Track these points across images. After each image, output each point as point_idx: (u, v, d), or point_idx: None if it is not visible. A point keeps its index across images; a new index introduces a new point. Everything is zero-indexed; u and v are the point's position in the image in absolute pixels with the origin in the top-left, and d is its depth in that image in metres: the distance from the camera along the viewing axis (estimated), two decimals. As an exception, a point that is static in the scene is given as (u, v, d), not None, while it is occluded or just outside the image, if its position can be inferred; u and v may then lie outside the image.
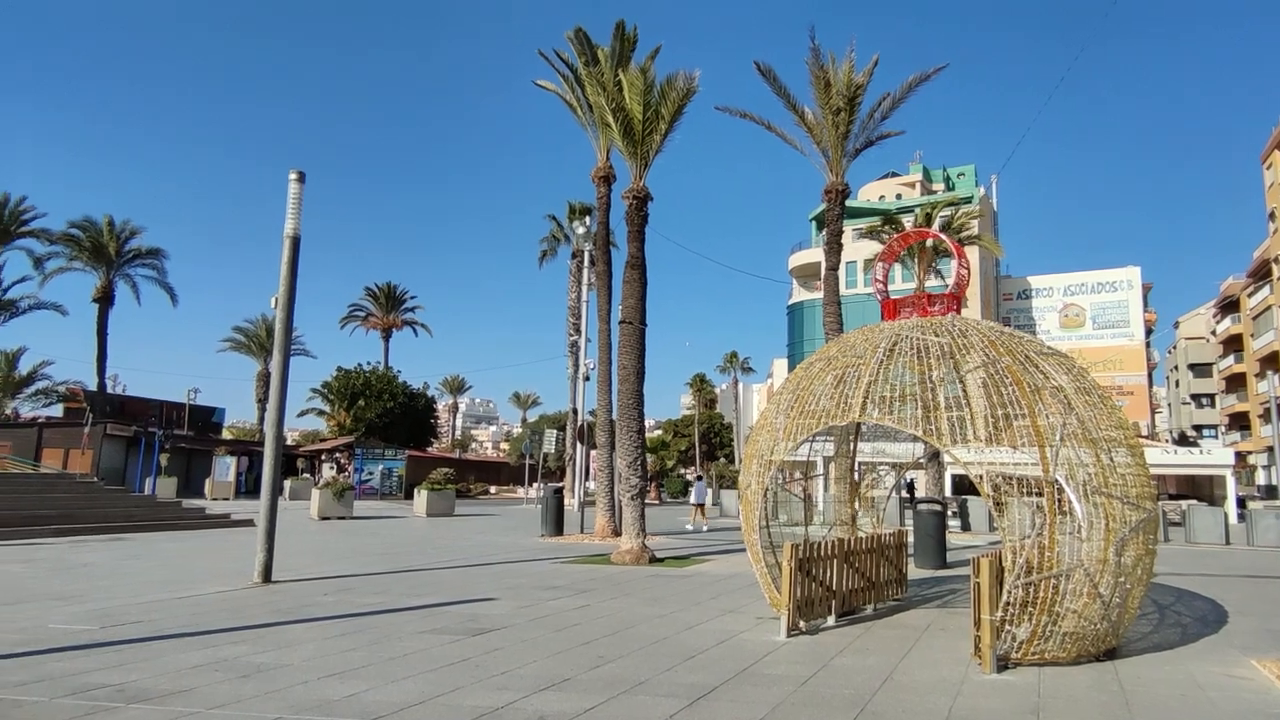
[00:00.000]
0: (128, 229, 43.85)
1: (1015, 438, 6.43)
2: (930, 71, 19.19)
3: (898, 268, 32.41)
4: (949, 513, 18.72)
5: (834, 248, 19.32)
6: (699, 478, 28.73)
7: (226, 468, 35.74)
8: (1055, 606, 6.11)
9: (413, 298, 62.93)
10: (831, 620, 7.93)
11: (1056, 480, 6.17)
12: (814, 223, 58.65)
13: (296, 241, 10.77)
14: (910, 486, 27.02)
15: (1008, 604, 6.07)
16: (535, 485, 39.42)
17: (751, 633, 7.49)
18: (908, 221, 34.42)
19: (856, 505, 10.08)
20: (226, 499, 32.87)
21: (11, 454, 26.19)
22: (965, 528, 23.17)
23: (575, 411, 34.99)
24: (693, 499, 24.76)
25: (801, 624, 7.46)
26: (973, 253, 40.65)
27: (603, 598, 9.59)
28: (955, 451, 6.62)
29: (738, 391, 77.31)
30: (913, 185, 59.82)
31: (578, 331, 34.94)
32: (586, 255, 28.27)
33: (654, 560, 13.66)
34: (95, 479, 24.59)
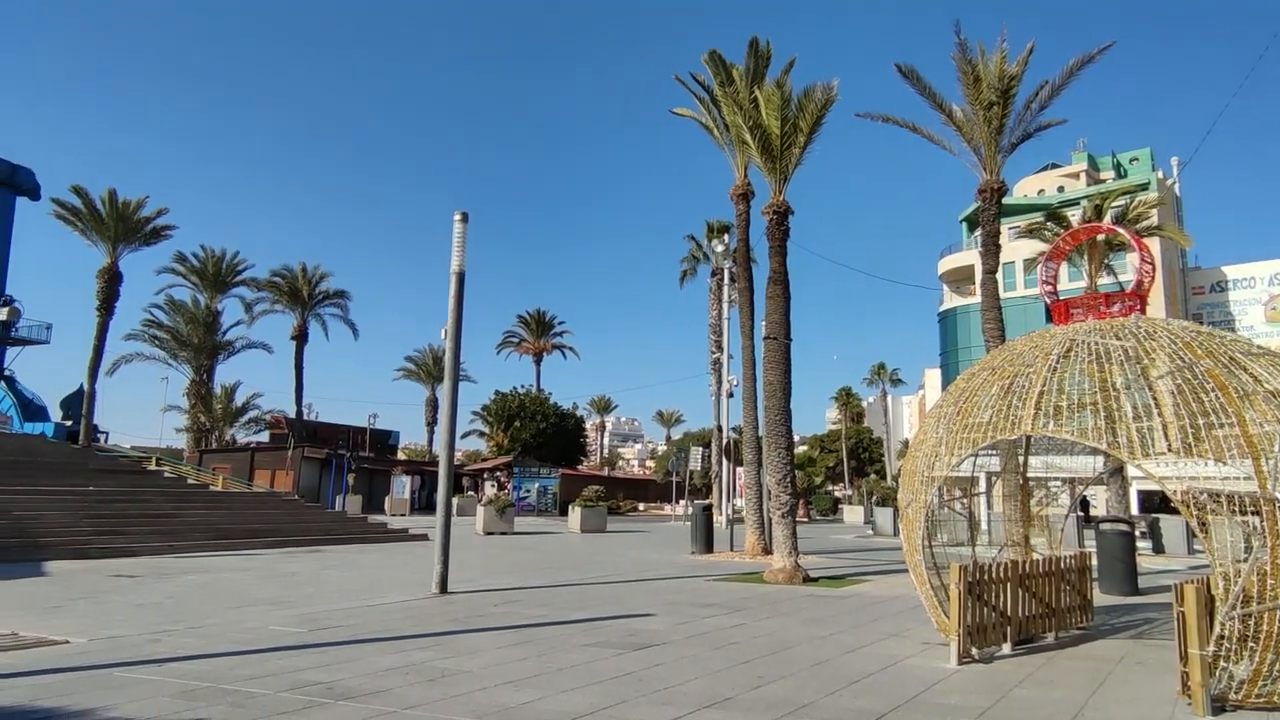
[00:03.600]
0: (318, 273, 49.37)
1: (1219, 449, 5.77)
2: (1094, 52, 17.73)
3: (1063, 267, 29.87)
4: (1138, 533, 16.91)
5: (991, 249, 18.20)
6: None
7: (403, 486, 38.96)
8: (1282, 642, 5.38)
9: (561, 323, 65.79)
10: (1007, 648, 7.42)
11: (1277, 498, 5.46)
12: (965, 224, 55.30)
13: (462, 277, 11.66)
14: (1084, 504, 24.69)
15: (1221, 638, 5.43)
16: (683, 502, 39.70)
17: (918, 658, 7.16)
18: (1074, 215, 31.69)
19: (1030, 525, 9.38)
20: (403, 515, 35.70)
21: (231, 475, 29.95)
22: (1158, 550, 20.84)
23: (720, 429, 34.95)
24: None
25: (974, 651, 7.05)
26: (1153, 244, 36.64)
27: (758, 616, 9.52)
28: (1146, 465, 6.04)
29: (886, 404, 73.95)
30: (1076, 176, 54.89)
31: (719, 349, 34.98)
32: (726, 273, 28.38)
33: (808, 580, 13.37)
34: (297, 497, 27.65)
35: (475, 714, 5.14)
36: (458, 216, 11.72)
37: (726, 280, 28.38)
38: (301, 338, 47.90)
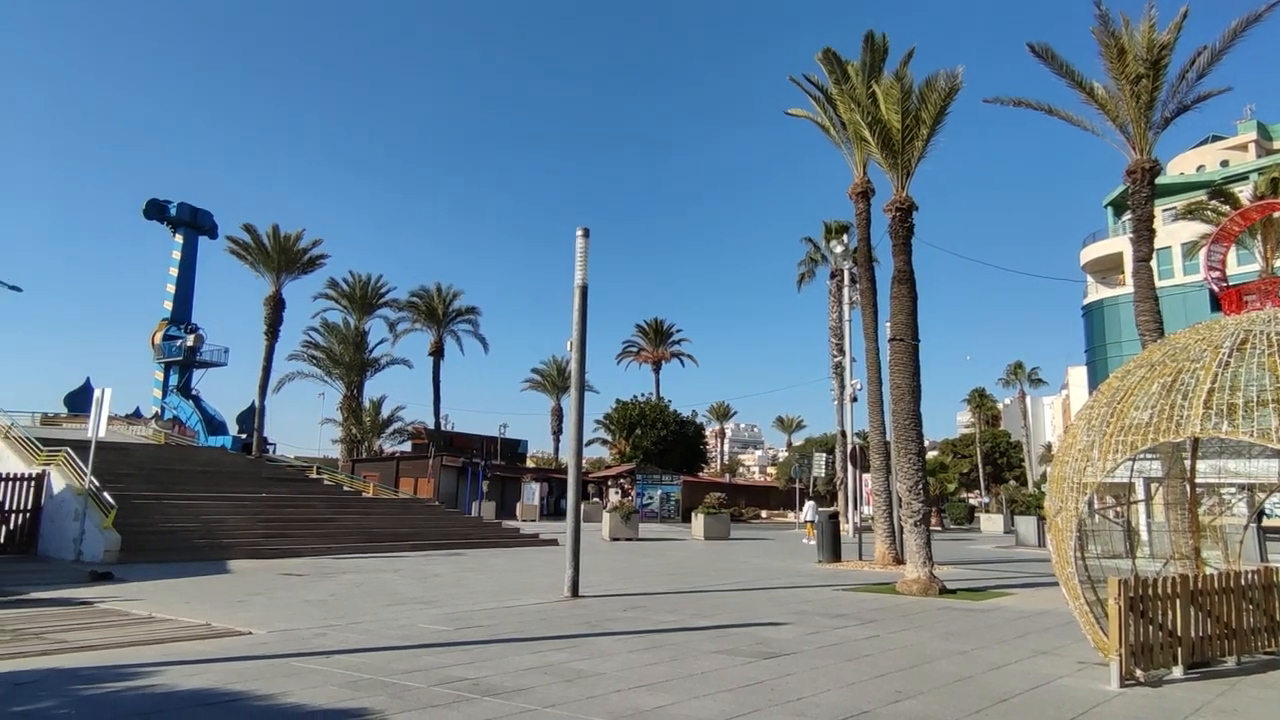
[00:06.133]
0: (451, 292, 52.48)
1: None
2: (1261, 10, 15.96)
3: (1232, 250, 26.86)
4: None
5: (1144, 235, 16.74)
6: (810, 499, 32.12)
7: (532, 493, 40.54)
8: None
9: (679, 331, 66.20)
10: (1178, 672, 6.79)
11: None
12: (1110, 208, 50.86)
13: (585, 290, 12.06)
14: (1260, 514, 22.03)
15: None
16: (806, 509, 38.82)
17: (1073, 679, 6.70)
18: (1243, 192, 28.49)
19: (1200, 536, 8.53)
20: (533, 520, 37.09)
21: (379, 482, 32.24)
22: (1367, 567, 18.25)
23: (844, 434, 33.95)
24: (806, 516, 28.87)
25: (1138, 673, 6.50)
26: (1346, 218, 32.22)
27: (892, 629, 9.21)
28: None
29: (1026, 406, 69.19)
30: (1244, 148, 49.17)
31: (841, 352, 34.02)
32: (846, 274, 27.62)
33: (944, 591, 12.76)
34: (437, 503, 29.38)
35: (613, 715, 5.31)
36: (580, 232, 12.13)
37: (847, 281, 27.61)
38: (438, 353, 50.97)
